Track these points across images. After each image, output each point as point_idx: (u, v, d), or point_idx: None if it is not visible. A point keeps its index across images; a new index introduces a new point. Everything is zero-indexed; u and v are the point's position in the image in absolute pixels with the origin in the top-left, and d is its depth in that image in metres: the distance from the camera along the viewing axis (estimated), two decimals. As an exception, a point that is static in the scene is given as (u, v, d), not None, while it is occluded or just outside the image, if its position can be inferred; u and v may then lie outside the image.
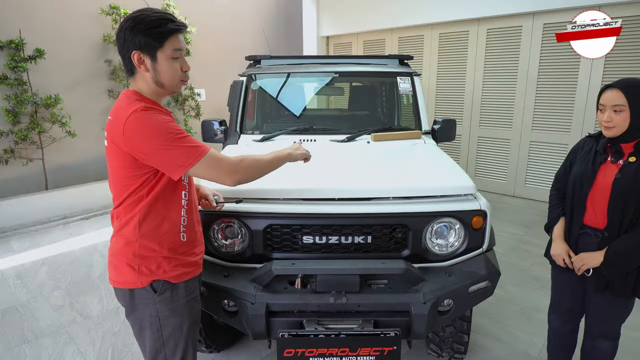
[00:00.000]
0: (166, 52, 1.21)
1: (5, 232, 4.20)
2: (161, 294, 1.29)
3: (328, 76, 2.89)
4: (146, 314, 1.31)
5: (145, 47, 1.20)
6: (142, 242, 1.26)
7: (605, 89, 1.55)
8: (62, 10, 4.74)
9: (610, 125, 1.52)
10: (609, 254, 1.55)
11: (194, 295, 1.39)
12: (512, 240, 3.95)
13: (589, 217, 1.64)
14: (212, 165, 1.22)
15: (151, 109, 1.20)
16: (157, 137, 1.15)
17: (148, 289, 1.28)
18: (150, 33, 1.18)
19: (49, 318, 2.69)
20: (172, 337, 1.33)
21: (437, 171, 2.07)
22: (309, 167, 1.79)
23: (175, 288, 1.31)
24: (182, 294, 1.33)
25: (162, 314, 1.30)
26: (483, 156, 5.62)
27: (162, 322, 1.31)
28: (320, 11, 7.07)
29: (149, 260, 1.27)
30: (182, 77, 1.28)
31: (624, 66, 4.28)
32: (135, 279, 1.27)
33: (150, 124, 1.16)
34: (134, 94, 1.24)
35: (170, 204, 1.29)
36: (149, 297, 1.29)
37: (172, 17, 1.23)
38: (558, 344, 1.93)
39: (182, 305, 1.33)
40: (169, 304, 1.31)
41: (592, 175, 1.60)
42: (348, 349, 1.58)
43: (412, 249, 1.78)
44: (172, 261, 1.30)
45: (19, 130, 4.38)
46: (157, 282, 1.28)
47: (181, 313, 1.33)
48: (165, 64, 1.22)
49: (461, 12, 5.31)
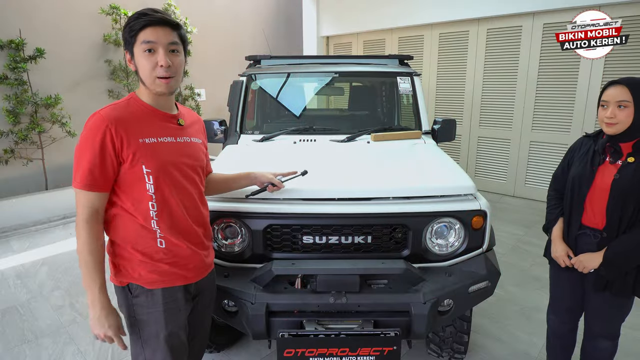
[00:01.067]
0: (138, 46, 1.19)
1: (5, 232, 4.20)
2: (136, 297, 1.28)
3: (328, 76, 2.89)
4: (125, 313, 1.32)
5: (126, 44, 1.22)
6: (118, 243, 1.27)
7: (609, 85, 1.54)
8: (62, 10, 4.74)
9: (613, 121, 1.51)
10: (608, 255, 1.55)
11: (176, 304, 1.31)
12: (512, 240, 3.95)
13: (587, 217, 1.64)
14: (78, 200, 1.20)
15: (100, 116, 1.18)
16: (79, 140, 1.19)
17: (125, 289, 1.29)
18: (126, 30, 1.20)
19: (49, 318, 2.69)
20: (149, 343, 1.30)
21: (437, 171, 2.06)
22: (309, 167, 1.79)
23: (150, 294, 1.27)
24: (159, 301, 1.28)
25: (138, 317, 1.29)
26: (483, 156, 5.62)
27: (139, 324, 1.30)
28: (320, 11, 7.07)
29: (126, 261, 1.27)
30: (158, 72, 1.20)
31: (624, 66, 4.28)
32: (113, 277, 1.29)
33: (83, 132, 1.19)
34: (128, 96, 1.28)
35: (136, 215, 1.24)
36: (126, 297, 1.29)
37: (149, 12, 1.19)
38: (557, 343, 1.93)
39: (158, 312, 1.28)
40: (144, 308, 1.28)
41: (591, 176, 1.60)
42: (348, 349, 1.57)
43: (412, 249, 1.78)
44: (147, 266, 1.26)
45: (19, 130, 4.38)
46: (132, 285, 1.27)
47: (157, 320, 1.28)
48: (139, 59, 1.20)
49: (461, 12, 5.31)
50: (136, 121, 1.23)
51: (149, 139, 1.23)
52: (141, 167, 1.21)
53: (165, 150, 1.26)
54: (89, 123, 1.19)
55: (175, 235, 1.29)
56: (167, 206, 1.27)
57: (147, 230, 1.25)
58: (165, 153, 1.26)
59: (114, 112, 1.20)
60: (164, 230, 1.27)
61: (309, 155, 2.30)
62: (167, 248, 1.28)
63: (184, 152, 1.33)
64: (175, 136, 1.31)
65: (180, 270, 1.32)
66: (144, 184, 1.23)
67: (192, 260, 1.35)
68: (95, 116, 1.19)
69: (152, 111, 1.27)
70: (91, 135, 1.17)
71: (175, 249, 1.30)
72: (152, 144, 1.23)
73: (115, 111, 1.21)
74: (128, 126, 1.20)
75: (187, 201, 1.33)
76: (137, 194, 1.23)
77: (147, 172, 1.22)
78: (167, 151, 1.27)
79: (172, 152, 1.28)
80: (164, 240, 1.27)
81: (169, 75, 1.21)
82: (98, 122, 1.17)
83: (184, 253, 1.32)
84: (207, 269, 1.44)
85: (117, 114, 1.20)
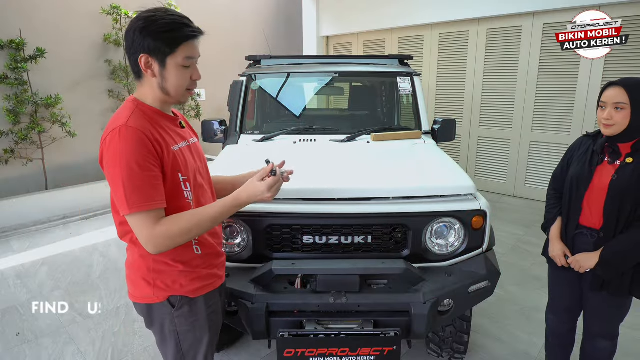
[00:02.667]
0: (177, 59, 1.12)
1: (5, 232, 4.20)
2: (179, 309, 1.24)
3: (328, 76, 2.89)
4: (165, 327, 1.27)
5: (154, 51, 1.10)
6: (155, 257, 1.20)
7: (607, 87, 1.54)
8: (62, 10, 4.74)
9: (609, 123, 1.51)
10: (605, 255, 1.55)
11: (214, 308, 1.34)
12: (512, 240, 3.95)
13: (585, 217, 1.64)
14: (137, 227, 1.09)
15: (132, 129, 1.07)
16: (116, 165, 1.06)
17: (165, 304, 1.23)
18: (162, 37, 1.08)
19: (49, 318, 2.69)
20: (191, 350, 1.29)
21: (437, 171, 2.07)
22: (309, 167, 1.79)
23: (193, 302, 1.26)
24: (202, 308, 1.28)
25: (180, 329, 1.26)
26: (483, 156, 5.62)
27: (180, 336, 1.27)
28: (320, 11, 7.07)
29: (164, 275, 1.22)
30: (190, 85, 1.19)
31: (624, 66, 4.28)
32: (152, 293, 1.22)
33: (119, 149, 1.05)
34: (133, 103, 1.16)
35: None
36: (166, 312, 1.24)
37: (188, 22, 1.13)
38: (556, 343, 1.93)
39: (201, 320, 1.28)
40: (187, 318, 1.26)
41: (589, 176, 1.60)
42: (348, 349, 1.58)
43: (412, 249, 1.78)
44: (188, 275, 1.24)
45: (19, 130, 4.38)
46: (175, 297, 1.23)
47: (201, 327, 1.29)
48: (174, 71, 1.13)
49: (461, 12, 5.31)
50: (158, 127, 1.16)
51: (175, 145, 1.20)
52: (178, 176, 1.18)
53: (188, 155, 1.25)
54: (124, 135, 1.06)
55: (208, 237, 1.31)
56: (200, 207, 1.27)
57: None
58: (190, 158, 1.25)
59: (139, 121, 1.11)
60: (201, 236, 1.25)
61: (309, 155, 2.30)
62: (203, 253, 1.28)
63: (197, 154, 1.33)
64: (185, 139, 1.29)
65: (216, 271, 1.34)
66: (182, 192, 1.20)
67: (221, 259, 1.38)
68: (131, 131, 1.07)
69: (162, 116, 1.22)
70: (131, 145, 1.06)
71: (209, 252, 1.31)
72: (179, 150, 1.21)
73: (140, 120, 1.11)
74: (157, 137, 1.13)
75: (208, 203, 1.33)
76: (178, 202, 1.19)
77: (183, 180, 1.19)
78: (190, 156, 1.26)
79: (192, 156, 1.27)
80: (199, 247, 1.27)
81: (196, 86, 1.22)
82: (138, 135, 1.07)
83: (216, 253, 1.34)
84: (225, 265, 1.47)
85: (145, 126, 1.11)
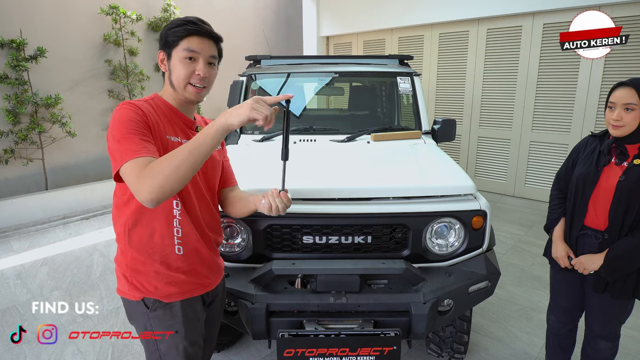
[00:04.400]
0: (179, 51, 1.20)
1: (5, 232, 4.20)
2: (153, 311, 1.23)
3: (328, 76, 2.89)
4: (141, 327, 1.26)
5: (165, 45, 1.22)
6: (133, 253, 1.21)
7: (617, 87, 1.51)
8: (62, 10, 4.74)
9: (619, 124, 1.49)
10: (610, 257, 1.54)
11: (195, 314, 1.29)
12: (512, 240, 3.95)
13: (590, 218, 1.63)
14: (129, 174, 1.04)
15: (134, 105, 1.14)
16: (114, 127, 1.11)
17: (140, 304, 1.23)
18: (170, 32, 1.21)
19: (49, 318, 2.69)
20: (168, 354, 1.26)
21: (437, 171, 2.06)
22: (309, 167, 1.79)
23: (168, 307, 1.23)
24: (178, 314, 1.24)
25: (156, 330, 1.24)
26: (483, 156, 5.62)
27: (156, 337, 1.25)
28: (320, 11, 7.07)
29: (140, 275, 1.21)
30: (193, 80, 1.21)
31: (624, 66, 4.28)
32: (128, 291, 1.23)
33: (117, 116, 1.12)
34: (152, 95, 1.26)
35: (159, 213, 1.20)
36: (142, 312, 1.23)
37: (195, 21, 1.22)
38: (556, 343, 1.93)
39: (177, 324, 1.24)
40: (162, 322, 1.23)
41: (595, 177, 1.58)
42: (348, 349, 1.57)
43: (412, 249, 1.78)
44: (163, 278, 1.21)
45: (19, 130, 4.38)
46: (148, 300, 1.22)
47: (177, 333, 1.25)
48: (177, 63, 1.21)
49: (461, 12, 5.31)
50: (162, 116, 1.22)
51: (174, 137, 1.22)
52: None
53: None
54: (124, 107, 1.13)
55: (195, 238, 1.27)
56: (190, 206, 1.25)
57: (166, 234, 1.21)
58: None
59: (140, 102, 1.18)
60: (185, 231, 1.24)
61: (309, 155, 2.30)
62: (184, 255, 1.24)
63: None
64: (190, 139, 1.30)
65: (197, 279, 1.29)
66: None
67: (208, 265, 1.33)
68: (126, 104, 1.14)
69: (174, 111, 1.26)
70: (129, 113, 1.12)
71: (192, 254, 1.27)
72: (177, 142, 1.22)
73: (141, 102, 1.19)
74: (155, 119, 1.18)
75: (203, 205, 1.31)
76: None
77: None
78: None
79: None
80: (182, 247, 1.24)
81: (203, 85, 1.23)
82: (133, 107, 1.14)
83: (201, 257, 1.29)
84: (220, 274, 1.42)
85: (144, 105, 1.18)
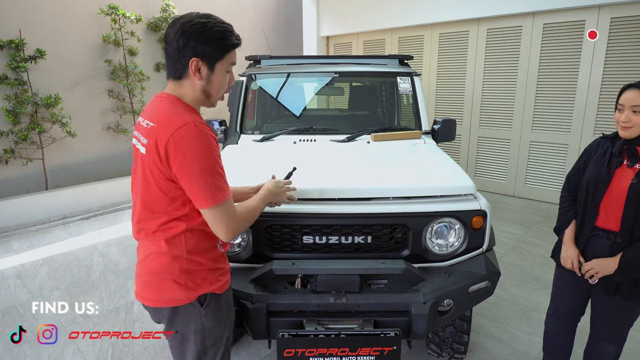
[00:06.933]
0: (224, 64, 1.23)
1: (5, 232, 4.20)
2: (207, 306, 1.30)
3: (328, 76, 2.89)
4: (191, 328, 1.30)
5: (206, 56, 1.19)
6: (190, 257, 1.25)
7: (626, 89, 1.51)
8: (61, 10, 4.74)
9: (627, 125, 1.49)
10: (624, 261, 1.52)
11: (231, 303, 1.43)
12: (512, 240, 3.95)
13: (601, 221, 1.60)
14: (221, 216, 1.18)
15: (202, 126, 1.15)
16: (199, 160, 1.12)
17: (195, 304, 1.28)
18: (216, 44, 1.19)
19: (49, 318, 2.69)
20: (213, 347, 1.34)
21: (437, 171, 2.06)
22: (309, 167, 1.79)
23: (218, 298, 1.33)
24: (224, 304, 1.35)
25: (207, 326, 1.31)
26: (483, 156, 5.62)
27: (206, 333, 1.31)
28: (320, 11, 7.07)
29: (195, 274, 1.27)
30: (227, 90, 1.30)
31: (624, 66, 4.28)
32: (183, 295, 1.25)
33: (200, 143, 1.12)
34: (178, 101, 1.21)
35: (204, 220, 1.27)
36: (195, 312, 1.28)
37: (233, 30, 1.25)
38: (555, 344, 1.93)
39: (224, 315, 1.35)
40: (214, 314, 1.31)
41: (607, 179, 1.56)
42: (348, 349, 1.58)
43: (412, 249, 1.78)
44: (215, 272, 1.31)
45: (19, 130, 4.38)
46: (204, 296, 1.29)
47: (224, 322, 1.36)
48: (220, 75, 1.23)
49: (461, 12, 5.31)
50: None
51: None
52: None
53: None
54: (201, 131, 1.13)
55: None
56: None
57: (213, 235, 1.28)
58: None
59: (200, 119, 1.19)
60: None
61: (309, 155, 2.30)
62: (224, 251, 1.36)
63: None
64: None
65: (229, 267, 1.41)
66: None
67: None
68: (210, 131, 1.17)
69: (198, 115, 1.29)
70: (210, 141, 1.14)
71: (225, 251, 1.38)
72: None
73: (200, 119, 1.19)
74: None
75: None
76: None
77: None
78: None
79: None
80: (222, 245, 1.35)
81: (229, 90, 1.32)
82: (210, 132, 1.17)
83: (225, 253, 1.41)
84: None
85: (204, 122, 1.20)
